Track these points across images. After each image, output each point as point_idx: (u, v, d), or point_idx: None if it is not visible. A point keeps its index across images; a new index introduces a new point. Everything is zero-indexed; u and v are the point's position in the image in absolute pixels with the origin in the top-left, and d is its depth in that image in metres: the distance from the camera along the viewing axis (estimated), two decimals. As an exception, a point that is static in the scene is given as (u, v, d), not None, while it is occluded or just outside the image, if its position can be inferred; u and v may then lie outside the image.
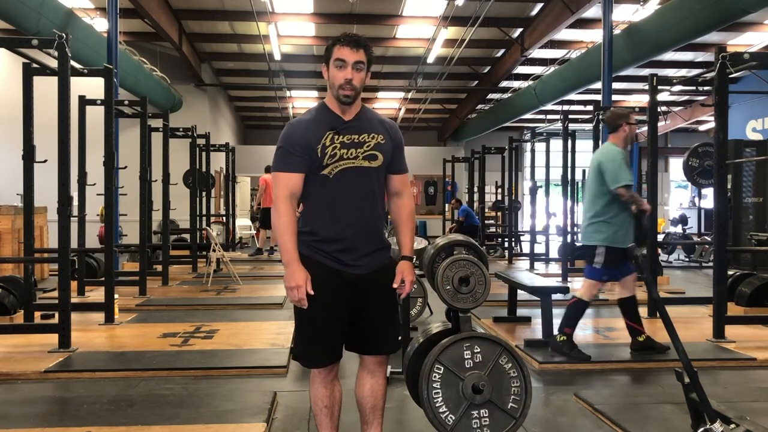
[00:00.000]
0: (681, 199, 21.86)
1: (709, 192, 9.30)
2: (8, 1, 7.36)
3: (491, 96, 18.19)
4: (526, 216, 15.33)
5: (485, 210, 13.46)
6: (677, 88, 14.84)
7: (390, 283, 2.44)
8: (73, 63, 4.79)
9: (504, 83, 16.32)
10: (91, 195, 6.67)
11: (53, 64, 4.80)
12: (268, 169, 11.76)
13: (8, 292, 5.40)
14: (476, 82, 17.01)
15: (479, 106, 19.50)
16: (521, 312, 5.78)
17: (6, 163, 11.56)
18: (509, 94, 16.76)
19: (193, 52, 13.84)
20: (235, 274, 8.38)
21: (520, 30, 12.62)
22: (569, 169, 8.87)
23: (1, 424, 3.15)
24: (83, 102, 6.75)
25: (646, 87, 5.76)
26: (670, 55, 13.50)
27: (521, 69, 14.64)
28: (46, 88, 5.21)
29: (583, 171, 12.54)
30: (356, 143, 2.31)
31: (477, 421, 2.56)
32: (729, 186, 7.45)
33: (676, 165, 22.71)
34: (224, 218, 13.43)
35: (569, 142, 8.79)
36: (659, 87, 5.90)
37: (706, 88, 6.20)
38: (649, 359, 4.36)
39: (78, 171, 6.41)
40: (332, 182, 2.29)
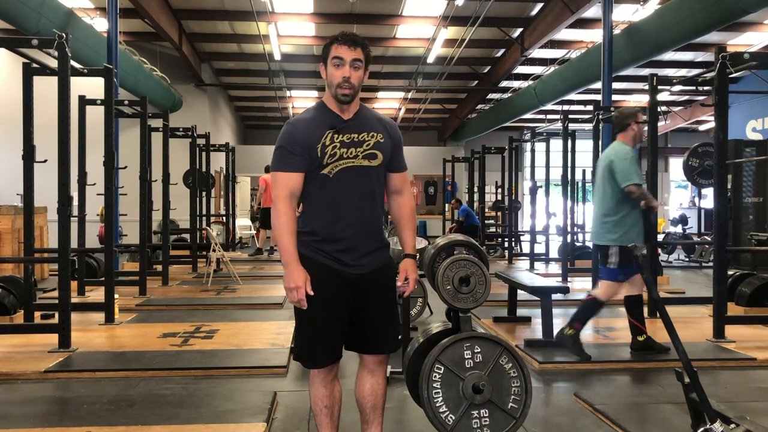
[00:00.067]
0: (681, 199, 21.87)
1: (709, 192, 9.30)
2: (8, 1, 7.36)
3: (491, 96, 18.19)
4: (526, 216, 15.33)
5: (485, 210, 13.45)
6: (677, 88, 14.85)
7: (390, 282, 2.44)
8: (73, 63, 4.79)
9: (504, 83, 16.32)
10: (91, 195, 6.67)
11: (53, 64, 4.79)
12: (268, 169, 11.76)
13: (8, 292, 5.40)
14: (476, 82, 17.01)
15: (479, 106, 19.50)
16: (521, 312, 5.78)
17: (6, 163, 11.56)
18: (509, 94, 16.76)
19: (193, 52, 13.84)
20: (235, 274, 8.38)
21: (520, 30, 12.62)
22: (569, 169, 8.87)
23: (1, 424, 3.15)
24: (83, 102, 6.75)
25: (646, 87, 5.76)
26: (670, 55, 13.50)
27: (521, 69, 14.64)
28: (46, 88, 5.21)
29: (583, 171, 12.64)
30: (356, 142, 2.30)
31: (477, 421, 2.56)
32: (729, 186, 7.44)
33: (676, 165, 22.70)
34: (224, 218, 13.43)
35: (569, 142, 8.79)
36: (659, 87, 5.90)
37: (706, 88, 6.20)
38: (649, 359, 4.36)
39: (78, 171, 6.41)
40: (332, 182, 2.29)
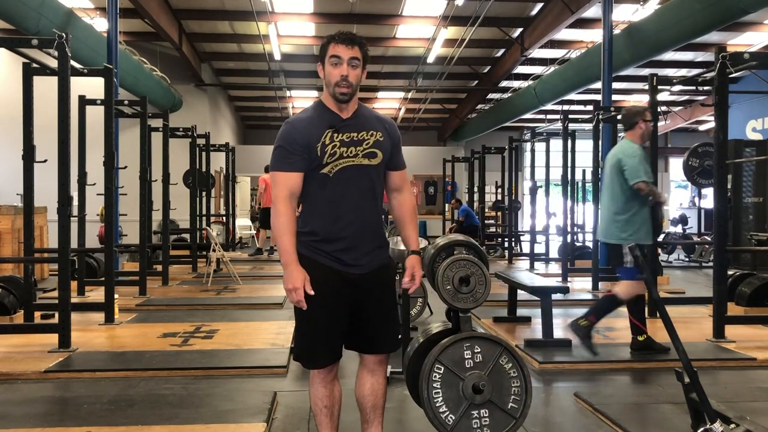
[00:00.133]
0: (681, 199, 21.86)
1: (709, 192, 9.30)
2: (8, 1, 7.36)
3: (491, 96, 18.19)
4: (526, 216, 15.33)
5: (485, 210, 13.45)
6: (677, 88, 14.86)
7: (389, 282, 2.44)
8: (73, 63, 4.79)
9: (504, 83, 16.32)
10: (91, 195, 6.67)
11: (53, 64, 4.79)
12: (268, 169, 11.76)
13: (8, 292, 5.40)
14: (476, 82, 17.00)
15: (479, 106, 19.49)
16: (521, 312, 5.78)
17: (6, 163, 11.56)
18: (509, 94, 16.76)
19: (193, 52, 13.84)
20: (235, 274, 8.38)
21: (520, 30, 12.62)
22: (569, 169, 8.87)
23: (1, 424, 3.15)
24: (83, 102, 6.74)
25: (646, 87, 5.76)
26: (670, 55, 13.50)
27: (521, 69, 14.64)
28: (46, 88, 5.21)
29: (583, 171, 12.63)
30: (355, 141, 2.30)
31: (477, 421, 2.56)
32: (729, 186, 7.44)
33: (676, 165, 22.70)
34: (224, 218, 13.43)
35: (569, 142, 8.79)
36: (659, 87, 5.90)
37: (706, 88, 6.20)
38: (649, 359, 4.36)
39: (78, 171, 6.41)
40: (332, 181, 2.28)
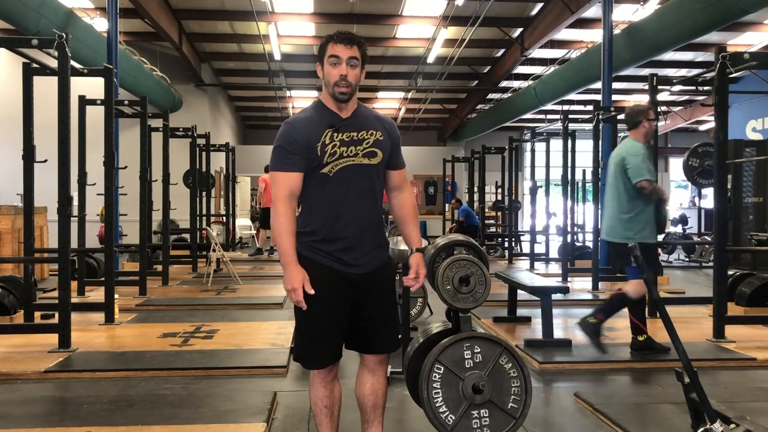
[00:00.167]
0: (681, 199, 21.85)
1: (709, 192, 9.30)
2: (8, 1, 7.36)
3: (491, 96, 18.18)
4: (526, 216, 15.33)
5: (485, 210, 13.45)
6: (677, 88, 14.84)
7: (389, 281, 2.44)
8: (73, 63, 4.79)
9: (504, 83, 16.32)
10: (91, 195, 6.67)
11: (53, 64, 4.79)
12: (268, 169, 11.75)
13: (8, 292, 5.40)
14: (476, 82, 17.00)
15: (479, 106, 19.49)
16: (521, 312, 5.78)
17: (6, 163, 11.55)
18: (509, 94, 16.76)
19: (193, 52, 13.84)
20: (235, 274, 8.38)
21: (520, 30, 12.62)
22: (569, 169, 8.87)
23: (1, 424, 3.15)
24: (83, 102, 6.74)
25: (646, 87, 5.76)
26: (670, 55, 13.49)
27: (521, 69, 14.63)
28: (46, 88, 5.21)
29: (583, 171, 12.64)
30: (355, 140, 2.30)
31: (477, 421, 2.56)
32: (729, 186, 7.44)
33: (676, 165, 22.69)
34: (224, 218, 13.43)
35: (569, 142, 8.79)
36: (659, 87, 5.90)
37: (706, 88, 6.20)
38: (649, 359, 4.36)
39: (78, 171, 6.41)
40: (332, 181, 2.28)
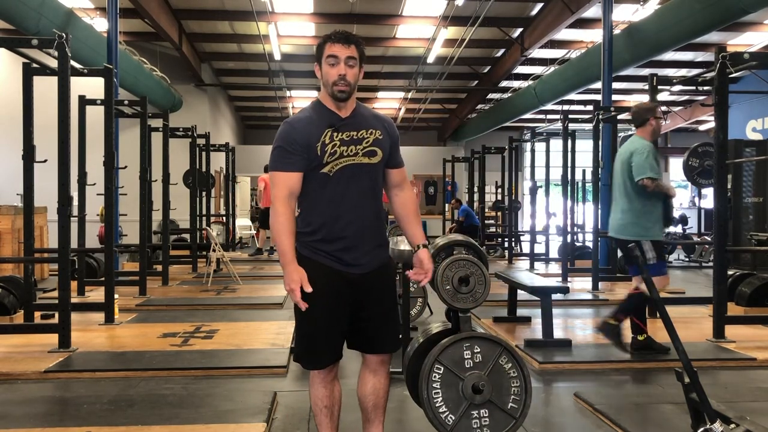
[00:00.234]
0: (681, 199, 21.85)
1: (709, 192, 9.29)
2: (8, 1, 7.36)
3: (491, 96, 18.18)
4: (526, 216, 15.32)
5: (485, 210, 13.45)
6: (677, 88, 14.86)
7: (390, 281, 2.45)
8: (73, 63, 4.79)
9: (504, 83, 16.32)
10: (91, 195, 6.67)
11: (53, 64, 4.79)
12: (267, 169, 11.75)
13: (8, 292, 5.40)
14: (476, 82, 17.00)
15: (479, 106, 19.49)
16: (521, 312, 5.78)
17: (6, 163, 11.56)
18: (509, 94, 16.76)
19: (193, 52, 13.84)
20: (235, 274, 8.38)
21: (520, 30, 12.62)
22: (569, 169, 8.87)
23: (1, 424, 3.15)
24: (83, 102, 6.74)
25: (646, 87, 5.77)
26: (670, 55, 13.49)
27: (521, 69, 14.63)
28: (46, 88, 5.21)
29: (583, 171, 12.64)
30: (355, 140, 2.30)
31: (477, 421, 2.56)
32: (729, 186, 7.44)
33: (676, 165, 22.69)
34: (224, 218, 13.43)
35: (569, 142, 8.78)
36: (659, 87, 5.91)
37: (706, 88, 6.21)
38: (649, 359, 4.36)
39: (78, 171, 6.41)
40: (332, 180, 2.28)
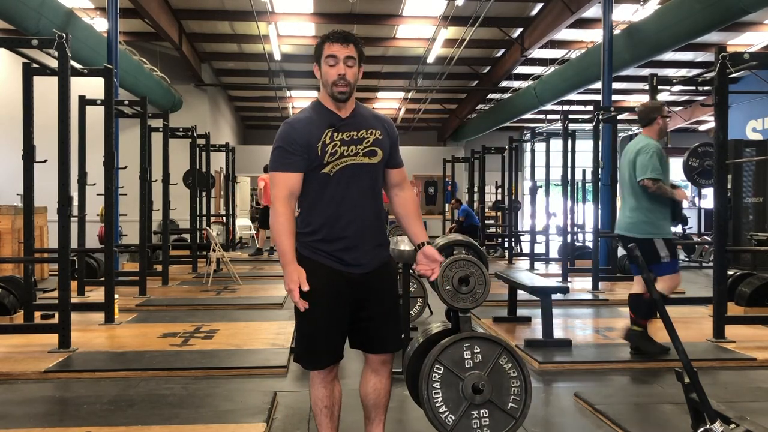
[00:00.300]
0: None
1: (709, 192, 9.28)
2: (8, 1, 7.36)
3: (491, 96, 18.18)
4: (526, 216, 15.32)
5: (485, 210, 13.45)
6: (677, 88, 14.84)
7: (391, 280, 2.45)
8: (73, 63, 4.79)
9: (504, 83, 16.32)
10: (91, 195, 6.67)
11: (53, 64, 4.79)
12: (267, 169, 11.74)
13: (8, 292, 5.40)
14: (476, 82, 17.00)
15: (479, 106, 19.49)
16: (521, 312, 5.78)
17: (6, 163, 11.56)
18: (509, 94, 16.75)
19: (193, 52, 13.84)
20: (235, 274, 8.38)
21: (520, 30, 12.62)
22: (569, 169, 8.88)
23: (1, 424, 3.15)
24: (83, 102, 6.74)
25: (646, 87, 5.77)
26: (670, 55, 13.49)
27: (521, 69, 14.63)
28: (46, 88, 5.21)
29: (583, 171, 12.64)
30: (355, 140, 2.30)
31: (477, 421, 2.56)
32: (729, 186, 7.44)
33: (676, 165, 22.59)
34: (224, 218, 13.43)
35: (569, 142, 8.79)
36: (659, 87, 5.91)
37: (706, 88, 6.20)
38: (649, 359, 4.35)
39: (78, 171, 6.41)
40: (333, 180, 2.28)
